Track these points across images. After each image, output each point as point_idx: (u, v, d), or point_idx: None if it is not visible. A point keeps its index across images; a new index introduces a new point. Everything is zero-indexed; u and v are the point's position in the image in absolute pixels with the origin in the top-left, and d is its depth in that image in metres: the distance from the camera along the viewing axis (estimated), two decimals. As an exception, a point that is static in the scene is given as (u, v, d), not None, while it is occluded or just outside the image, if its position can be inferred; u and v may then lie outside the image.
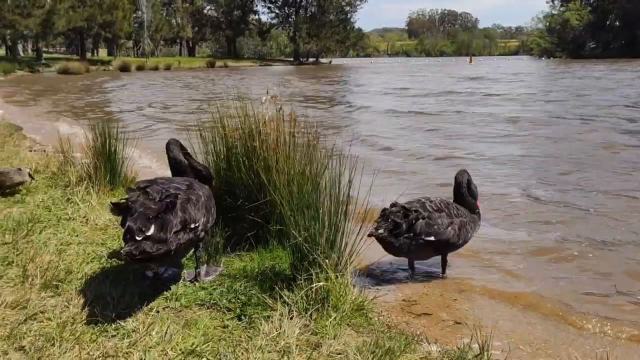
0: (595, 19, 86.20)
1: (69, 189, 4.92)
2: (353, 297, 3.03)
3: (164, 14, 79.51)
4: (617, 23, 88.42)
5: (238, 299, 3.01)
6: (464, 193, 4.11)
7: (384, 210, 3.78)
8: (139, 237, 2.57)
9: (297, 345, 2.54)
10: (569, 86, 24.47)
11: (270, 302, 2.90)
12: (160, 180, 3.07)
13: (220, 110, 4.15)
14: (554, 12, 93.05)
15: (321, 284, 2.92)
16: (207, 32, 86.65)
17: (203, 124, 4.27)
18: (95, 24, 56.55)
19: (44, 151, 7.17)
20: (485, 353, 2.48)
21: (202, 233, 3.04)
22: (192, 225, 2.87)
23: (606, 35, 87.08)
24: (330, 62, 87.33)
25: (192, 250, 3.30)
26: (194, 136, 4.17)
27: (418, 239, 3.68)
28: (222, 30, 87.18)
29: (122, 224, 2.78)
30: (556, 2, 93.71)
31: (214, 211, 3.19)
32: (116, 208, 2.81)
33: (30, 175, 4.91)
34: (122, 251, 2.63)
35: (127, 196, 2.85)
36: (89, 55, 65.83)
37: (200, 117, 4.32)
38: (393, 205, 3.84)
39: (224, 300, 2.99)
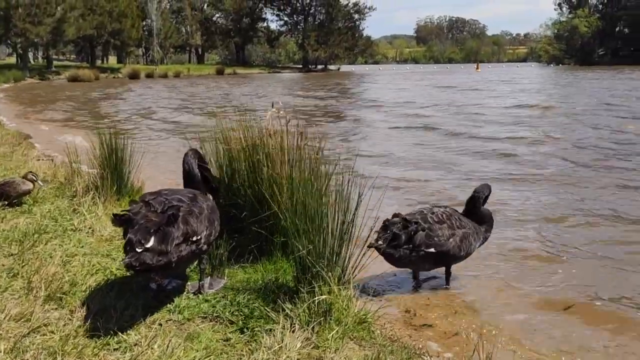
0: (604, 26, 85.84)
1: (75, 199, 4.95)
2: (356, 310, 3.02)
3: (173, 21, 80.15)
4: (626, 30, 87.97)
5: (241, 311, 3.02)
6: (478, 207, 4.10)
7: (386, 221, 3.79)
8: (138, 249, 2.59)
9: (298, 359, 2.54)
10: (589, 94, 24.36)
11: (272, 315, 2.90)
12: (164, 192, 3.09)
13: (225, 123, 4.18)
14: (562, 19, 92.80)
15: (324, 297, 2.92)
16: (216, 39, 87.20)
17: (209, 135, 4.30)
18: (104, 32, 57.12)
19: (52, 160, 7.24)
20: (487, 368, 2.47)
21: (205, 246, 3.05)
22: (194, 238, 2.88)
23: (615, 42, 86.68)
24: (338, 69, 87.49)
25: (196, 262, 3.32)
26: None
27: (418, 250, 3.68)
28: (231, 37, 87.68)
29: (124, 236, 2.80)
30: (564, 9, 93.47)
31: (217, 224, 3.20)
32: (117, 219, 2.83)
33: (34, 180, 4.94)
34: (122, 262, 2.65)
35: (129, 208, 2.87)
36: (98, 62, 66.53)
37: (206, 128, 4.34)
38: (395, 216, 3.85)
39: (227, 313, 3.00)
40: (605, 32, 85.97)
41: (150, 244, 2.62)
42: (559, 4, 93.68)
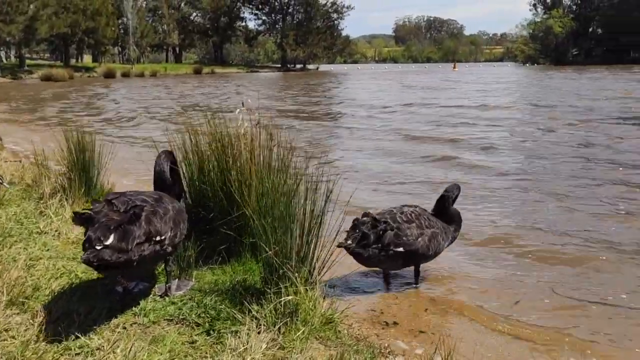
0: (577, 27, 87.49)
1: (42, 201, 4.87)
2: (322, 310, 3.04)
3: (150, 20, 79.27)
4: (599, 30, 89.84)
5: (207, 313, 3.01)
6: (447, 207, 4.15)
7: (355, 220, 3.81)
8: (97, 246, 2.58)
9: (263, 361, 2.54)
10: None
11: (239, 316, 2.90)
12: (129, 193, 3.07)
13: (195, 123, 4.16)
14: (537, 19, 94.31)
15: (290, 297, 2.93)
16: (194, 38, 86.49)
17: (179, 135, 4.26)
18: (78, 30, 56.24)
19: (20, 162, 7.10)
20: (449, 366, 2.50)
21: (170, 247, 3.03)
22: (158, 238, 2.86)
23: (588, 43, 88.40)
24: (317, 69, 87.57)
25: (163, 264, 3.30)
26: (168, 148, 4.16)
27: (387, 249, 3.71)
28: (209, 36, 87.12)
29: (85, 235, 2.76)
30: (539, 9, 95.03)
31: (183, 226, 3.19)
32: (78, 218, 2.79)
33: (0, 182, 4.84)
34: (80, 258, 2.63)
35: (91, 207, 2.85)
36: (73, 61, 65.38)
37: (177, 127, 4.31)
38: (364, 215, 3.87)
39: (193, 315, 2.98)
40: (579, 32, 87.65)
41: (109, 241, 2.61)
42: (534, 5, 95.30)
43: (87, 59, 73.70)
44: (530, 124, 13.64)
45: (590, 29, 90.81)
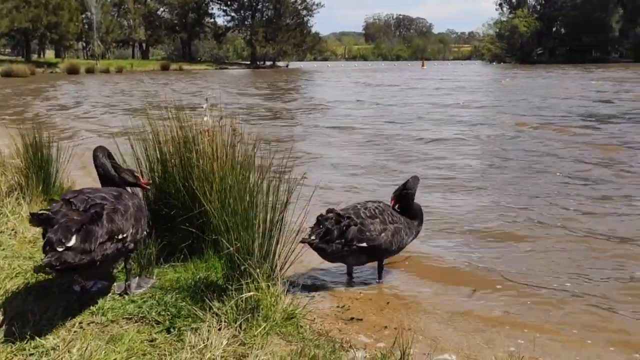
0: (542, 26, 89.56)
1: (-2, 200, 4.73)
2: (284, 306, 3.04)
3: (115, 15, 77.65)
4: (562, 30, 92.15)
5: (168, 311, 2.98)
6: (410, 202, 4.19)
7: (319, 216, 3.82)
8: (59, 248, 2.51)
9: (222, 357, 2.53)
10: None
11: (200, 313, 2.88)
12: (87, 190, 3.00)
13: (157, 119, 4.10)
14: (503, 18, 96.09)
15: (251, 293, 2.92)
16: (161, 34, 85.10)
17: (139, 132, 4.20)
18: (40, 25, 54.69)
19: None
20: (406, 357, 2.54)
21: (132, 244, 2.99)
22: (120, 236, 2.82)
23: (552, 42, 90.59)
24: (287, 66, 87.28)
25: (123, 261, 3.25)
26: (128, 145, 4.09)
27: (350, 245, 3.73)
28: (177, 32, 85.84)
29: (44, 237, 2.69)
30: (505, 9, 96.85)
31: (144, 222, 3.15)
32: (36, 219, 2.72)
33: None
34: (42, 262, 2.56)
35: (48, 207, 2.78)
36: (35, 57, 63.54)
37: (138, 124, 4.23)
38: (329, 211, 3.89)
39: (153, 313, 2.95)
40: (543, 32, 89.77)
41: (71, 243, 2.55)
42: (500, 4, 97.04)
43: (50, 54, 71.73)
44: (479, 123, 13.95)
45: (554, 29, 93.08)
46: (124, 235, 2.88)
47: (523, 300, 3.74)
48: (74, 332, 2.68)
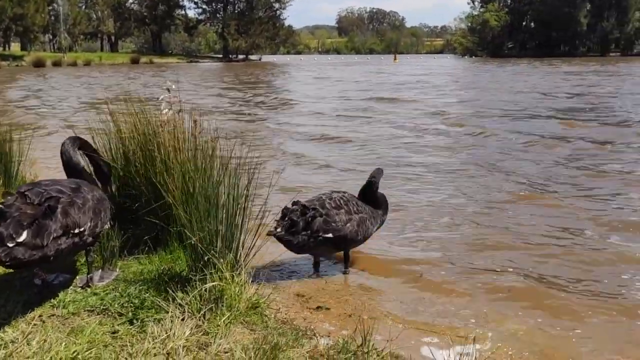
0: (512, 20, 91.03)
1: (-44, 194, 4.62)
2: (248, 296, 3.06)
3: (83, 6, 75.89)
4: (532, 24, 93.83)
5: (131, 303, 2.97)
6: (374, 192, 4.25)
7: (284, 209, 3.85)
8: (10, 243, 2.47)
9: (185, 347, 2.54)
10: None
11: (163, 304, 2.88)
12: (44, 183, 2.95)
13: (121, 111, 4.05)
14: (474, 12, 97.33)
15: (214, 283, 2.94)
16: (131, 26, 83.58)
17: (102, 125, 4.14)
18: (5, 17, 53.17)
19: None
20: (367, 342, 2.59)
21: (90, 238, 2.95)
22: (76, 230, 2.78)
23: (522, 36, 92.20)
24: (260, 59, 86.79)
25: (84, 254, 3.21)
26: (90, 138, 4.04)
27: (316, 236, 3.77)
28: (147, 25, 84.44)
29: None
30: (476, 3, 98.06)
31: (104, 215, 3.11)
32: None
33: None
34: None
35: (1, 200, 2.73)
36: (0, 49, 61.75)
37: (104, 116, 4.18)
38: (294, 203, 3.91)
39: (116, 305, 2.93)
40: (514, 26, 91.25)
41: (22, 238, 2.50)
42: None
43: (15, 47, 69.73)
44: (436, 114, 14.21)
45: (524, 23, 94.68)
46: (81, 230, 2.83)
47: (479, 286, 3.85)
48: (34, 325, 2.66)
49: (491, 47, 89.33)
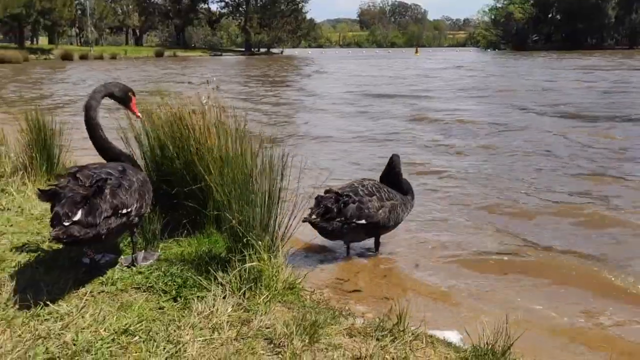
0: (537, 13, 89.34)
1: (3, 179, 4.83)
2: (285, 277, 3.17)
3: (109, 1, 76.89)
4: (558, 17, 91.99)
5: (174, 281, 3.10)
6: (399, 178, 4.34)
7: (318, 196, 3.95)
8: (66, 222, 2.61)
9: (228, 322, 2.66)
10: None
11: (205, 283, 3.00)
12: (92, 166, 3.09)
13: (155, 100, 4.18)
14: (498, 5, 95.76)
15: (253, 264, 3.05)
16: (155, 20, 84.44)
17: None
18: (33, 11, 54.16)
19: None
20: (402, 321, 2.68)
21: (136, 219, 3.09)
22: (124, 211, 2.91)
23: (548, 28, 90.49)
24: (281, 53, 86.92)
25: (129, 235, 3.36)
26: (127, 124, 4.18)
27: (349, 222, 3.86)
28: (171, 18, 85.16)
29: (52, 211, 2.79)
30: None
31: (148, 197, 3.24)
32: (44, 194, 2.81)
33: None
34: (50, 234, 2.66)
35: (55, 182, 2.87)
36: (28, 43, 63.01)
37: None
38: (327, 191, 4.02)
39: (160, 283, 3.07)
40: (539, 18, 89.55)
41: (77, 217, 2.64)
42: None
43: (43, 40, 71.08)
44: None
45: (550, 15, 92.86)
46: (128, 210, 2.97)
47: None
48: (86, 299, 2.80)
49: (515, 39, 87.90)
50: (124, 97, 3.47)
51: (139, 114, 3.57)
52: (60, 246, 3.35)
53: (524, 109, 13.44)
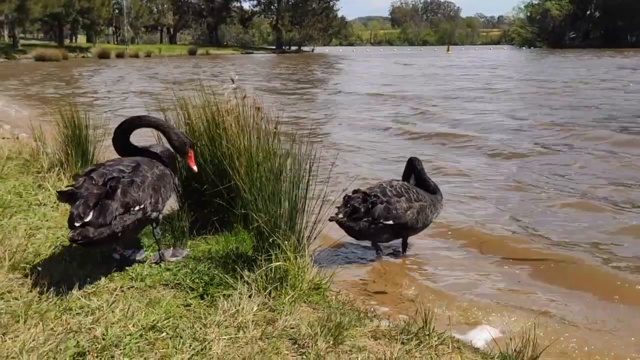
0: (575, 9, 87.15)
1: (40, 175, 4.98)
2: (311, 277, 3.17)
3: (145, 0, 78.40)
4: (597, 14, 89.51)
5: (201, 279, 3.14)
6: (426, 177, 4.31)
7: (346, 196, 3.94)
8: (78, 223, 2.68)
9: (253, 321, 2.68)
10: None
11: (231, 281, 3.03)
12: (108, 164, 3.13)
13: (186, 99, 4.24)
14: (534, 2, 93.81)
15: (279, 263, 3.06)
16: (189, 19, 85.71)
17: (170, 110, 4.35)
18: (72, 10, 55.65)
19: (17, 138, 7.18)
20: (428, 325, 2.65)
21: (154, 213, 3.12)
22: (137, 207, 2.95)
23: (586, 26, 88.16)
24: (312, 51, 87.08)
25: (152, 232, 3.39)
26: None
27: (377, 223, 3.84)
28: (204, 17, 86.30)
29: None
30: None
31: (164, 190, 3.25)
32: (63, 196, 2.88)
33: None
34: (67, 237, 2.74)
35: (73, 182, 2.94)
36: (67, 41, 64.78)
37: (170, 103, 4.39)
38: (355, 191, 4.01)
39: (188, 281, 3.11)
40: (577, 15, 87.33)
41: (89, 218, 2.71)
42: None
43: (82, 39, 72.96)
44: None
45: (588, 12, 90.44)
46: (142, 206, 3.00)
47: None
48: (116, 295, 2.87)
49: (552, 37, 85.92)
50: (182, 150, 3.50)
51: (195, 168, 3.58)
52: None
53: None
